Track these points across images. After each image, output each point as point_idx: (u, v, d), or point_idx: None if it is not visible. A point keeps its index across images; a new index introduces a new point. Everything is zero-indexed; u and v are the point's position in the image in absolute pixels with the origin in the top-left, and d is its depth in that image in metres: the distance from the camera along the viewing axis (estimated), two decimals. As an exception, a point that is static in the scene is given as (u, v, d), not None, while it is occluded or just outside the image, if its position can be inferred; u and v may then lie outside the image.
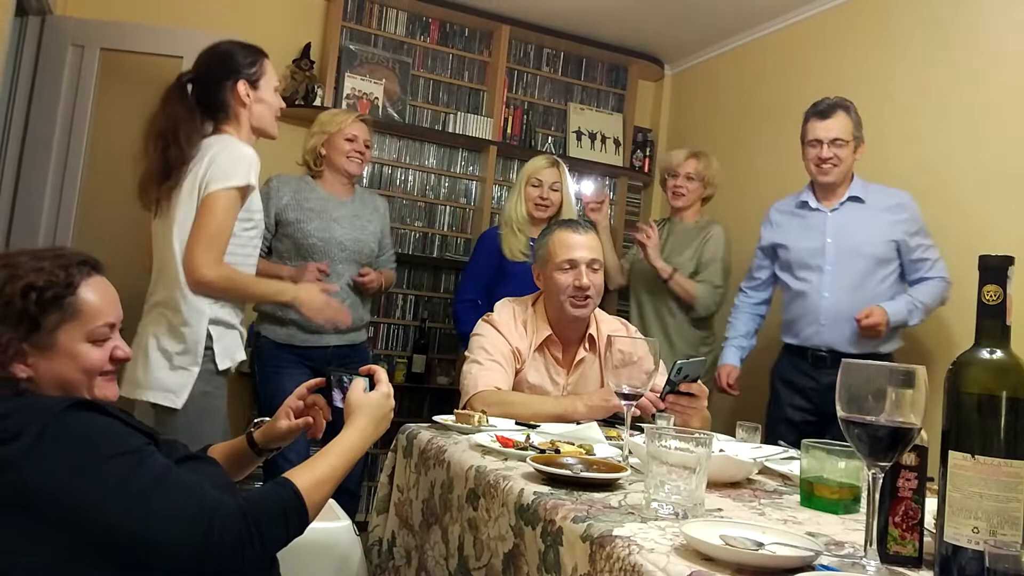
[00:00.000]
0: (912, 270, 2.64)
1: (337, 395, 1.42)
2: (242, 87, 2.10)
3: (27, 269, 1.15)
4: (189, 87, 2.11)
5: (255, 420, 1.54)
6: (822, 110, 2.70)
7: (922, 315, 2.58)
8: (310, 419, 1.47)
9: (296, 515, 1.14)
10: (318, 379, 1.49)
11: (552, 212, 3.14)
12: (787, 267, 2.83)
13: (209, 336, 1.99)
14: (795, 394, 2.76)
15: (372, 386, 1.38)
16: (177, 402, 1.94)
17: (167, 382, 1.95)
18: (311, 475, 1.19)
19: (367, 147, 3.00)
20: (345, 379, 1.41)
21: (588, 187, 3.47)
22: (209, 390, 2.00)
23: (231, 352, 2.05)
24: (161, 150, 2.00)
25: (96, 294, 1.20)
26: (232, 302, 2.07)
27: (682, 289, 3.18)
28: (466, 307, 3.26)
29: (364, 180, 3.93)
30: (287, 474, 1.18)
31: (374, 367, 1.41)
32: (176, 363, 1.96)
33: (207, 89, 2.10)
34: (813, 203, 2.77)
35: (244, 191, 2.01)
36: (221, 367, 2.02)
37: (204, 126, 2.11)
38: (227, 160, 1.98)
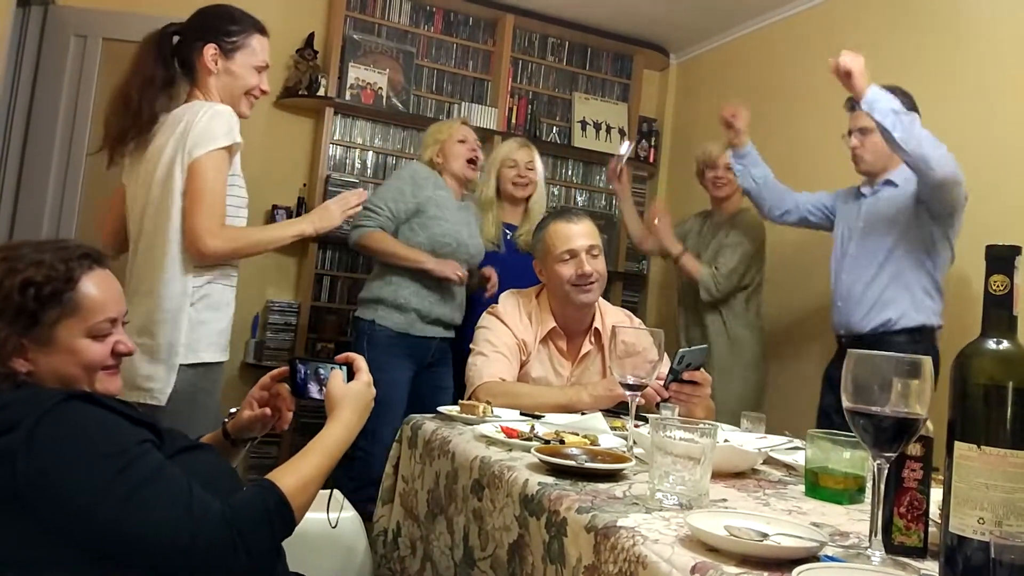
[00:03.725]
0: None
1: (314, 387, 1.38)
2: (210, 51, 1.99)
3: (27, 263, 1.14)
4: (175, 39, 2.03)
5: (231, 411, 1.50)
6: (850, 102, 2.65)
7: (905, 130, 2.32)
8: (267, 410, 1.42)
9: (281, 520, 1.12)
10: (282, 368, 1.43)
11: (531, 191, 3.22)
12: (834, 248, 2.83)
13: (187, 327, 1.88)
14: (830, 389, 2.75)
15: (350, 375, 1.34)
16: (161, 399, 1.83)
17: (149, 378, 1.83)
18: (297, 476, 1.17)
19: (478, 146, 3.08)
20: (322, 370, 1.37)
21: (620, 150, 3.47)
22: (197, 385, 1.89)
23: (200, 346, 1.91)
24: (122, 107, 1.95)
25: (97, 288, 1.19)
26: (223, 282, 1.98)
27: (688, 269, 3.25)
28: None
29: (369, 170, 3.93)
30: (272, 475, 1.16)
31: (352, 355, 1.37)
32: (157, 356, 1.84)
33: (185, 45, 2.03)
34: (864, 188, 2.76)
35: (231, 149, 1.93)
36: (189, 360, 1.88)
37: (175, 87, 2.02)
38: (206, 121, 1.89)
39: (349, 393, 1.31)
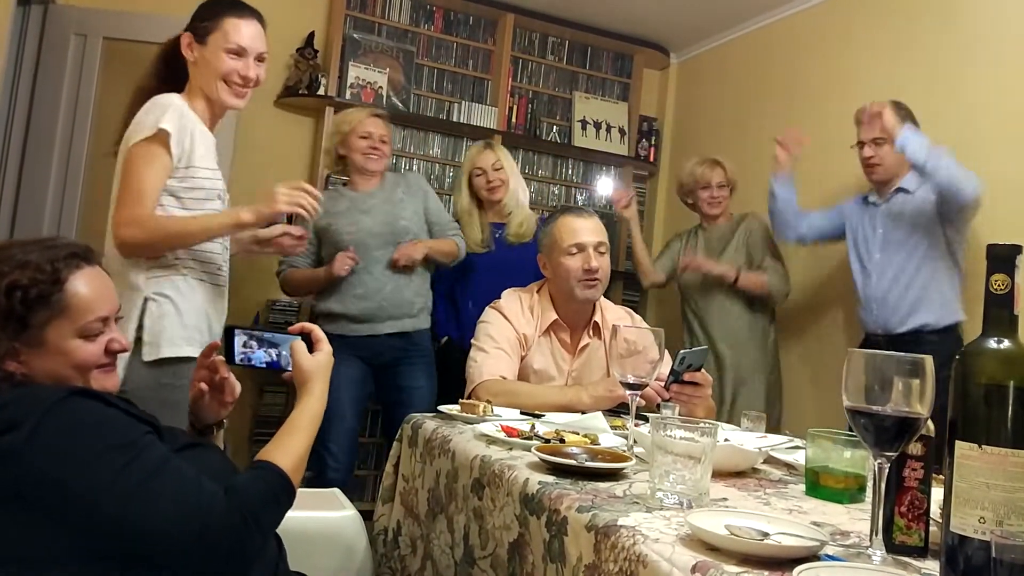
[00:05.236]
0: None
1: (262, 354, 1.37)
2: (185, 39, 1.98)
3: (12, 265, 1.12)
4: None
5: None
6: (862, 114, 2.79)
7: (938, 163, 2.47)
8: (203, 385, 1.39)
9: (286, 495, 1.16)
10: (216, 341, 1.42)
11: (504, 191, 3.18)
12: (850, 254, 2.92)
13: (145, 319, 1.83)
14: None
15: (309, 346, 1.34)
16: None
17: None
18: (291, 456, 1.20)
19: (383, 142, 2.98)
20: (269, 338, 1.37)
21: (609, 186, 3.71)
22: (166, 381, 1.82)
23: (163, 337, 1.84)
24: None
25: (87, 287, 1.17)
26: (191, 275, 1.92)
27: (753, 283, 3.24)
28: (439, 306, 3.28)
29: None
30: (267, 456, 1.18)
31: (308, 325, 1.36)
32: None
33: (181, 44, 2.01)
34: (872, 198, 2.87)
35: (159, 138, 1.84)
36: (149, 356, 1.81)
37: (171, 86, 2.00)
38: (142, 114, 1.88)
39: (318, 365, 1.32)
